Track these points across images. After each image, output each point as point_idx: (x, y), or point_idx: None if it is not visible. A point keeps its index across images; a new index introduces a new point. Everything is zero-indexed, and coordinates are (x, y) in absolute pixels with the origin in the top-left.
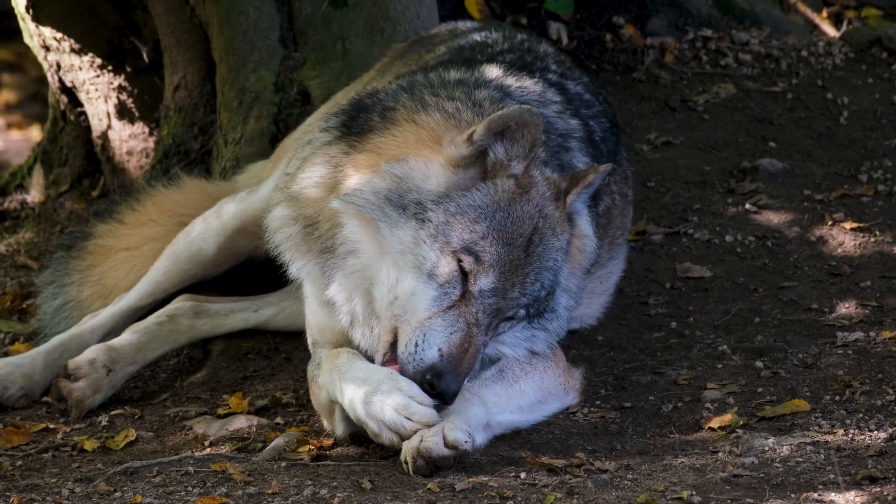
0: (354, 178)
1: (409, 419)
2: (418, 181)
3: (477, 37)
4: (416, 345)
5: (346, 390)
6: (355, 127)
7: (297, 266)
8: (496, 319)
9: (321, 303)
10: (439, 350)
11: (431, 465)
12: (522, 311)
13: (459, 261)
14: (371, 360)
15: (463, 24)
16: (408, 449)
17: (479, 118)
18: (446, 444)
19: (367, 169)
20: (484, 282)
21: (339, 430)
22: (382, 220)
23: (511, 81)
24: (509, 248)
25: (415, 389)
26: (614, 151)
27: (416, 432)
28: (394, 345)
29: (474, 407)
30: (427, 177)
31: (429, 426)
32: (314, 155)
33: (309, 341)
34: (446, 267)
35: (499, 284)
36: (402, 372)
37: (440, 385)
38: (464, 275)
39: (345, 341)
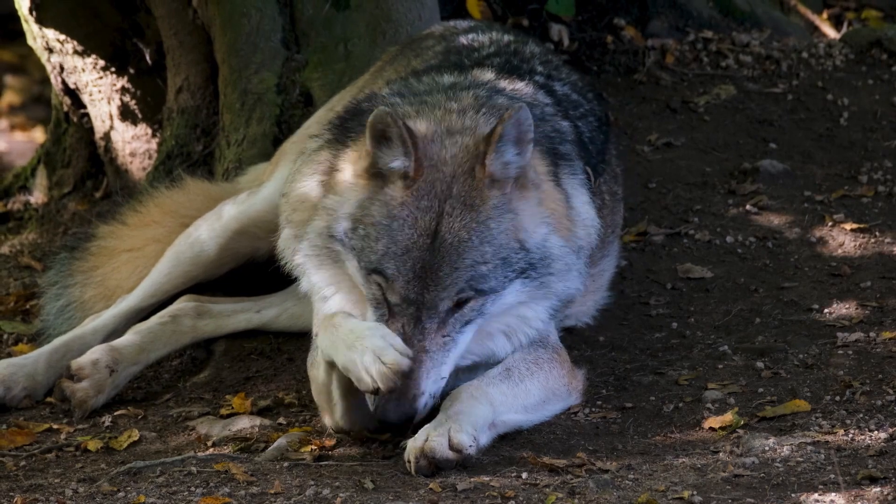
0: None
1: (382, 362)
2: (342, 207)
3: (464, 40)
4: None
5: (338, 343)
6: (340, 139)
7: (306, 282)
8: (431, 321)
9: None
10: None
11: (433, 466)
12: (465, 295)
13: (377, 282)
14: None
15: (452, 27)
16: (411, 448)
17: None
18: (451, 447)
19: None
20: (392, 297)
21: (338, 413)
22: (336, 260)
23: (504, 84)
24: (409, 253)
25: (396, 340)
26: (602, 151)
27: (389, 376)
28: None
29: (481, 406)
30: (345, 200)
31: (397, 373)
32: (304, 165)
33: (314, 332)
34: (371, 291)
35: (410, 293)
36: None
37: (386, 418)
38: (384, 294)
39: None
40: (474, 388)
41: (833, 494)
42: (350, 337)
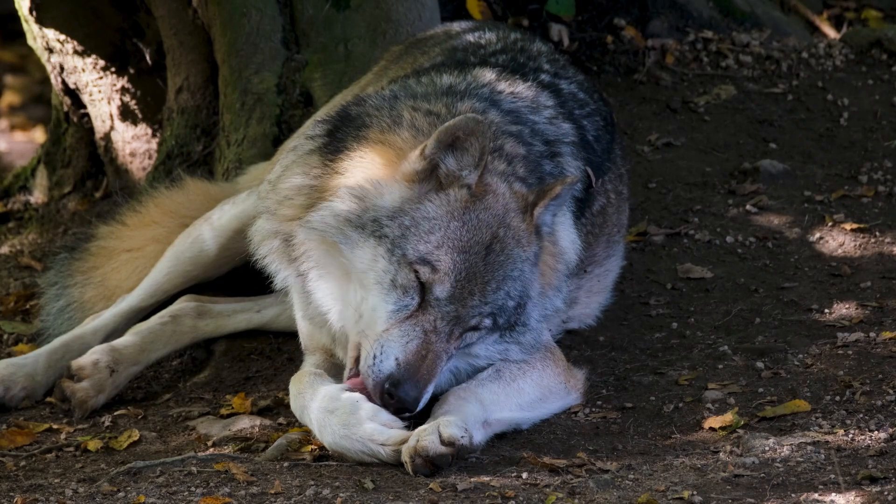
0: (320, 203)
1: (385, 444)
2: (375, 199)
3: (470, 37)
4: (375, 357)
5: (315, 419)
6: (333, 143)
7: (282, 277)
8: (458, 328)
9: (304, 315)
10: (396, 359)
11: (430, 464)
12: (488, 321)
13: (416, 272)
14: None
15: (458, 25)
16: (406, 450)
17: None
18: (443, 442)
19: (333, 192)
20: (440, 290)
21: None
22: (344, 243)
23: (503, 87)
24: (465, 255)
25: (383, 415)
26: (608, 150)
27: (395, 452)
28: (359, 360)
29: (470, 405)
30: (382, 194)
31: (403, 443)
32: (294, 164)
33: (302, 344)
34: (403, 279)
35: (456, 292)
36: (365, 385)
37: (398, 393)
38: (421, 285)
39: (333, 349)
40: (462, 389)
41: (833, 494)
42: (332, 421)
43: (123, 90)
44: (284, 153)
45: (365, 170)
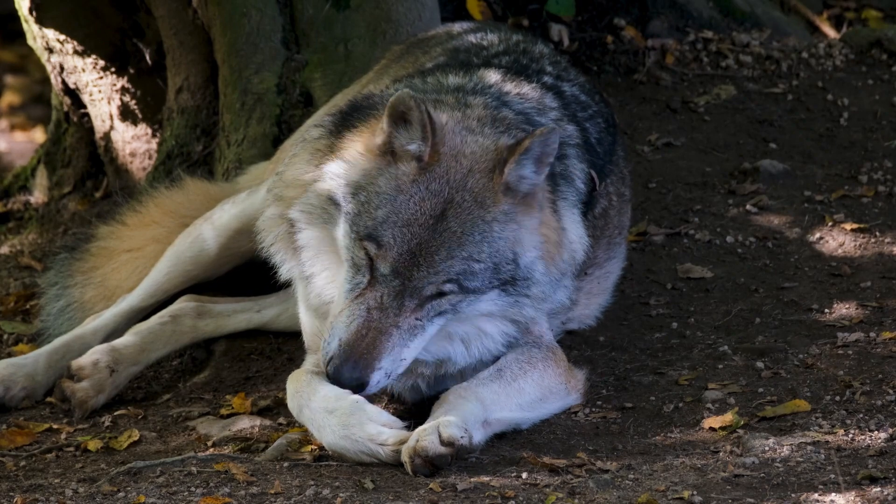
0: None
1: (385, 445)
2: (347, 175)
3: (472, 38)
4: (326, 341)
5: (313, 419)
6: (339, 129)
7: (287, 268)
8: (411, 300)
9: (308, 306)
10: (339, 340)
11: (430, 464)
12: (450, 286)
13: (365, 249)
14: None
15: (459, 26)
16: (405, 450)
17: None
18: (442, 442)
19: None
20: (383, 266)
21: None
22: (328, 222)
23: (510, 88)
24: (409, 228)
25: (383, 415)
26: (610, 152)
27: (394, 453)
28: None
29: (470, 404)
30: (352, 169)
31: (403, 443)
32: (302, 150)
33: (304, 342)
34: (357, 257)
35: (399, 266)
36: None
37: (339, 377)
38: (371, 261)
39: None
40: (463, 388)
41: (833, 494)
42: (332, 421)
43: (123, 90)
44: (294, 145)
45: (356, 149)
